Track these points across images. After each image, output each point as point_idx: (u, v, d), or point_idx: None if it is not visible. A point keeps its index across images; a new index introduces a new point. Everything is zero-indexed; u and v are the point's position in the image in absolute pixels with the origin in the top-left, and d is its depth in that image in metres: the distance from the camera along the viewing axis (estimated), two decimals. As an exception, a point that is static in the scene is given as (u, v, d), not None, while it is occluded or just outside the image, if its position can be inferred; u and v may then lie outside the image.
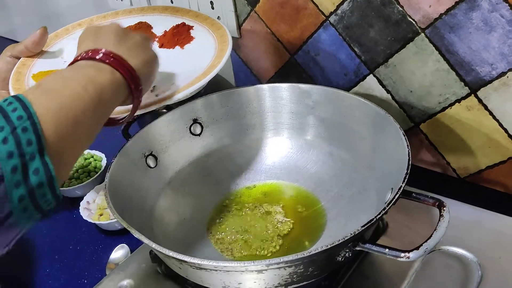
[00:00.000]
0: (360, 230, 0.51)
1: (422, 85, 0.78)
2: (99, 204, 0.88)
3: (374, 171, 0.71)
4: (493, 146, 0.76)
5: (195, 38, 0.81)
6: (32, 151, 0.42)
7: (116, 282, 0.70)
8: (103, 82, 0.52)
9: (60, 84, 0.50)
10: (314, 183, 0.79)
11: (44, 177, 0.43)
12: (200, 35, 0.81)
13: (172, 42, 0.80)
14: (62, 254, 0.84)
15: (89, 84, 0.50)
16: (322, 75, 0.91)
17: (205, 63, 0.73)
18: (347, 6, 0.79)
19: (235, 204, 0.78)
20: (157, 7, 0.88)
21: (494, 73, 0.69)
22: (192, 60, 0.76)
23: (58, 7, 1.48)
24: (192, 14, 0.85)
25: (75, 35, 0.79)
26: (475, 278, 0.62)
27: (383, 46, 0.79)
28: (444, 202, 0.54)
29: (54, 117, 0.45)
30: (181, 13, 0.86)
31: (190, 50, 0.79)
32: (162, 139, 0.79)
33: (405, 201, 0.56)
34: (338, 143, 0.79)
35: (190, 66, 0.73)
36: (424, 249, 0.49)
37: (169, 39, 0.81)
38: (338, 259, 0.55)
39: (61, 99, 0.47)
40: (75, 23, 0.84)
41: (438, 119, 0.79)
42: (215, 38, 0.79)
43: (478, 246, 0.65)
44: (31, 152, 0.42)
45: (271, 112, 0.84)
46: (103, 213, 0.87)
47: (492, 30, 0.67)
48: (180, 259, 0.53)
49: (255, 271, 0.53)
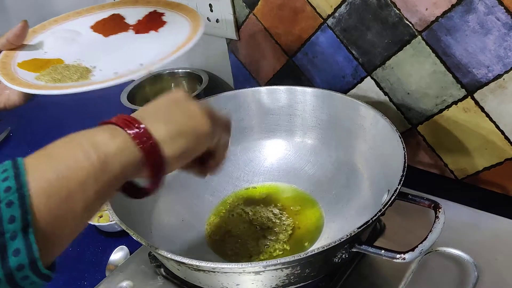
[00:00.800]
0: (356, 231, 0.51)
1: (419, 87, 0.78)
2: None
3: (371, 172, 0.71)
4: (490, 148, 0.76)
5: (168, 22, 0.81)
6: (15, 228, 0.36)
7: (115, 283, 0.70)
8: (110, 151, 0.42)
9: (63, 146, 0.43)
10: (311, 185, 0.79)
11: (26, 259, 0.37)
12: (172, 19, 0.82)
13: (147, 28, 0.81)
14: (61, 256, 0.83)
15: (92, 150, 0.42)
16: (320, 77, 0.92)
17: (181, 38, 0.74)
18: (344, 9, 0.80)
19: (233, 205, 0.79)
20: (128, 0, 0.89)
21: (491, 75, 0.70)
22: (168, 39, 0.75)
23: (57, 9, 1.48)
24: (163, 2, 0.86)
25: (52, 30, 0.81)
26: (471, 279, 0.62)
27: (380, 48, 0.79)
28: (440, 204, 0.54)
29: (47, 189, 0.39)
30: (152, 4, 0.87)
31: (165, 32, 0.79)
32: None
33: (403, 203, 0.57)
34: (336, 145, 0.79)
35: (168, 43, 0.73)
36: (419, 250, 0.50)
37: (143, 26, 0.82)
38: (335, 260, 0.55)
39: (58, 165, 0.40)
40: (52, 19, 0.86)
41: (436, 121, 0.80)
42: (188, 20, 0.79)
43: (474, 247, 0.66)
44: (13, 230, 0.36)
45: (269, 114, 0.84)
46: (102, 215, 0.87)
47: (488, 32, 0.67)
48: (179, 261, 0.53)
49: (253, 273, 0.53)
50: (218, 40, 1.05)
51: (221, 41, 1.05)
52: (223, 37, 1.04)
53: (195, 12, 0.79)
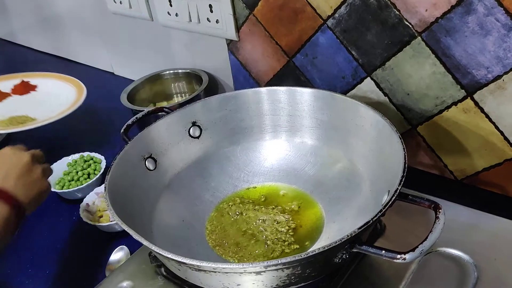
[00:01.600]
0: (356, 232, 0.51)
1: (419, 88, 0.78)
2: (98, 206, 0.89)
3: (371, 173, 0.71)
4: (489, 149, 0.76)
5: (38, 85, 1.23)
6: None
7: (115, 283, 0.70)
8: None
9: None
10: (312, 185, 0.79)
11: None
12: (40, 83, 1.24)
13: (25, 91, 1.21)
14: (62, 256, 0.84)
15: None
16: (320, 78, 0.92)
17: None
18: (344, 10, 0.80)
19: (233, 206, 0.79)
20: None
21: (490, 76, 0.70)
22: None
23: (57, 9, 1.48)
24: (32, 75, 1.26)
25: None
26: (471, 280, 0.62)
27: (380, 49, 0.79)
28: (440, 204, 0.54)
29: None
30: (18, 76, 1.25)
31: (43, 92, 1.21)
32: (161, 142, 0.79)
33: (403, 203, 0.57)
34: (336, 145, 0.79)
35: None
36: (419, 251, 0.50)
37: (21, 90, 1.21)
38: (335, 260, 0.55)
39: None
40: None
41: (435, 122, 0.80)
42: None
43: (474, 247, 0.66)
44: None
45: (269, 114, 0.84)
46: (102, 215, 0.87)
47: (488, 33, 0.67)
48: (179, 261, 0.53)
49: (254, 273, 0.53)
50: (218, 41, 1.05)
51: (221, 42, 1.05)
52: (223, 38, 1.04)
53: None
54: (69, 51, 1.60)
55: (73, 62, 1.60)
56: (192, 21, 1.05)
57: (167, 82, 1.20)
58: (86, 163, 0.99)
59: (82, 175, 0.96)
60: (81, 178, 0.96)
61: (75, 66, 1.58)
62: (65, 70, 1.56)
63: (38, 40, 1.70)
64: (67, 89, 1.15)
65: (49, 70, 1.53)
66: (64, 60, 1.62)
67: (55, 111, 1.05)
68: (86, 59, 1.55)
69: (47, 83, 1.20)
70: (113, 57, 1.43)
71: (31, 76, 1.23)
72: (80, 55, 1.56)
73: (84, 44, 1.49)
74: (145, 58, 1.29)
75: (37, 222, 0.93)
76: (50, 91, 1.17)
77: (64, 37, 1.55)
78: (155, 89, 1.19)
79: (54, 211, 0.95)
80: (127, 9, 1.20)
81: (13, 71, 1.27)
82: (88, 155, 1.00)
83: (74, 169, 0.97)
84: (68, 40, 1.55)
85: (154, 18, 1.17)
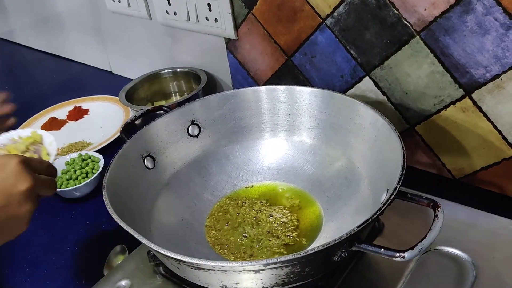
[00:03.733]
0: (355, 230, 0.51)
1: (418, 87, 0.79)
2: (8, 146, 0.75)
3: (370, 172, 0.71)
4: (488, 148, 0.76)
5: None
6: None
7: (114, 282, 0.70)
8: None
9: None
10: (310, 184, 0.79)
11: None
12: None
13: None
14: (59, 255, 0.84)
15: None
16: (318, 77, 0.92)
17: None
18: (343, 9, 0.80)
19: (232, 205, 0.79)
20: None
21: (488, 75, 0.70)
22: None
23: (55, 8, 1.48)
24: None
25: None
26: (469, 278, 0.62)
27: (379, 48, 0.80)
28: (439, 203, 0.54)
29: None
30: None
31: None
32: (160, 141, 0.79)
33: (401, 202, 0.57)
34: (334, 144, 0.79)
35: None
36: (418, 249, 0.50)
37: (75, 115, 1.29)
38: (334, 259, 0.55)
39: None
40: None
41: (434, 121, 0.80)
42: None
43: (472, 246, 0.66)
44: None
45: (268, 113, 0.84)
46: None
47: (486, 33, 0.67)
48: (179, 259, 0.53)
49: (253, 271, 0.53)
50: (216, 40, 1.05)
51: (220, 41, 1.05)
52: (221, 37, 1.04)
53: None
54: (67, 50, 1.60)
55: (71, 61, 1.59)
56: (191, 20, 1.05)
57: (165, 81, 1.20)
58: (84, 162, 0.98)
59: (80, 174, 0.96)
60: (79, 177, 0.96)
61: (73, 65, 1.57)
62: (63, 69, 1.56)
63: (36, 39, 1.70)
64: (115, 110, 1.25)
65: (48, 69, 1.53)
66: (62, 59, 1.62)
67: (108, 133, 1.16)
68: (84, 58, 1.55)
69: (98, 106, 1.30)
70: (111, 56, 1.42)
71: (82, 101, 1.34)
72: (78, 54, 1.56)
73: (82, 43, 1.49)
74: (143, 57, 1.29)
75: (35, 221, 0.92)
76: (101, 114, 1.27)
77: (62, 36, 1.55)
78: (153, 88, 1.19)
79: (51, 210, 0.95)
80: (125, 7, 1.20)
81: (11, 70, 1.27)
82: (86, 154, 1.00)
83: (72, 168, 0.97)
84: (66, 39, 1.54)
85: (152, 16, 1.17)
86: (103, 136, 1.15)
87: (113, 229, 0.87)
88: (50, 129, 1.23)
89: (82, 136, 1.18)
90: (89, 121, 1.26)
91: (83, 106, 1.31)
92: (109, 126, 1.18)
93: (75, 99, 1.34)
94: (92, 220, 0.91)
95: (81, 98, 1.34)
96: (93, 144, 1.12)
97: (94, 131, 1.19)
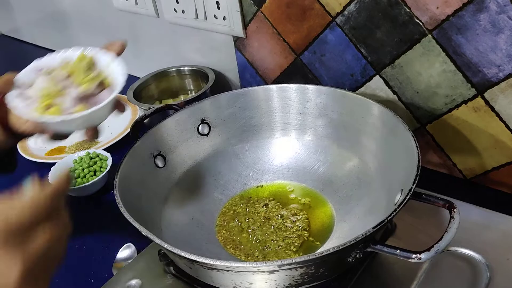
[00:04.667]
0: (371, 231, 0.51)
1: (429, 86, 0.78)
2: (43, 89, 0.60)
3: (382, 172, 0.71)
4: (499, 148, 0.76)
5: None
6: None
7: (124, 281, 0.70)
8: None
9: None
10: (322, 184, 0.79)
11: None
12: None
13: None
14: (68, 254, 0.83)
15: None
16: (328, 75, 0.91)
17: None
18: (354, 7, 0.80)
19: (243, 204, 0.78)
20: None
21: (501, 74, 0.70)
22: None
23: (61, 6, 1.48)
24: None
25: None
26: (483, 280, 0.62)
27: (389, 47, 0.79)
28: (454, 204, 0.54)
29: None
30: None
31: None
32: (170, 139, 0.79)
33: (412, 202, 0.56)
34: (346, 144, 0.79)
35: None
36: (435, 250, 0.49)
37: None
38: (349, 260, 0.55)
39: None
40: None
41: (445, 120, 0.79)
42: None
43: (486, 247, 0.65)
44: None
45: (279, 112, 0.84)
46: (51, 103, 0.59)
47: (500, 31, 0.67)
48: (192, 259, 0.53)
49: (267, 272, 0.53)
50: (224, 38, 1.05)
51: (228, 39, 1.04)
52: (230, 35, 1.03)
53: None
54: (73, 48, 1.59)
55: (77, 59, 1.59)
56: (199, 18, 1.05)
57: (173, 79, 1.20)
58: (92, 160, 0.98)
59: (88, 173, 0.96)
60: (87, 175, 0.95)
61: (79, 63, 1.57)
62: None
63: (42, 36, 1.69)
64: None
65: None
66: (68, 57, 1.62)
67: (115, 131, 1.14)
68: (91, 56, 1.54)
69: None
70: (118, 54, 1.42)
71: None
72: (85, 51, 1.55)
73: (89, 41, 1.48)
74: (151, 55, 1.29)
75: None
76: None
77: (68, 33, 1.54)
78: (161, 87, 1.19)
79: (60, 208, 0.94)
80: (133, 5, 1.19)
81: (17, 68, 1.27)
82: (94, 152, 1.00)
83: (80, 166, 0.97)
84: (72, 36, 1.54)
85: (160, 14, 1.16)
86: (111, 135, 1.14)
87: (121, 228, 0.86)
88: None
89: None
90: None
91: None
92: (116, 124, 1.18)
93: None
94: (100, 218, 0.90)
95: None
96: (101, 142, 1.12)
97: (101, 130, 1.18)
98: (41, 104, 0.58)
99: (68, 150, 1.12)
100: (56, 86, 0.60)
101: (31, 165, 1.08)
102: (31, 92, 0.60)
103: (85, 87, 0.60)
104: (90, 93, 0.60)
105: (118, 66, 0.62)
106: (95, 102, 0.60)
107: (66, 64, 0.62)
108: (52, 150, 1.13)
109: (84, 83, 0.60)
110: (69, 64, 0.62)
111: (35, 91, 0.60)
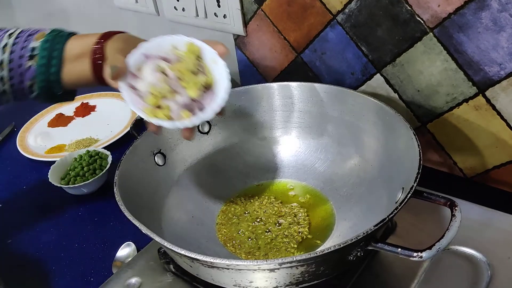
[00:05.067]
0: (373, 229, 0.51)
1: (430, 84, 0.78)
2: (153, 87, 0.60)
3: (383, 170, 0.71)
4: (501, 146, 0.76)
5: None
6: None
7: (124, 279, 0.70)
8: None
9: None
10: (322, 182, 0.79)
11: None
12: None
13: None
14: (67, 252, 0.84)
15: None
16: (328, 74, 0.91)
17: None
18: (354, 5, 0.79)
19: (243, 202, 0.78)
20: None
21: (503, 73, 0.69)
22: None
23: (62, 4, 1.47)
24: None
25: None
26: (484, 278, 0.62)
27: (390, 45, 0.79)
28: (456, 202, 0.54)
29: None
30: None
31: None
32: (170, 137, 0.79)
33: (413, 201, 0.56)
34: (347, 142, 0.79)
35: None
36: (436, 249, 0.49)
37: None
38: (349, 258, 0.55)
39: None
40: None
41: (446, 119, 0.79)
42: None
43: (487, 246, 0.65)
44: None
45: (280, 110, 0.84)
46: (159, 103, 0.59)
47: (501, 30, 0.67)
48: (193, 257, 0.53)
49: (268, 270, 0.53)
50: (225, 36, 1.05)
51: (228, 37, 1.04)
52: (230, 33, 1.03)
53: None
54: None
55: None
56: (199, 16, 1.04)
57: (172, 77, 1.19)
58: (92, 159, 0.98)
59: (88, 171, 0.95)
60: (87, 173, 0.95)
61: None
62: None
63: (41, 34, 1.69)
64: (122, 106, 1.24)
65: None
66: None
67: (115, 130, 1.15)
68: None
69: (105, 103, 1.30)
70: (118, 52, 1.42)
71: (89, 97, 1.33)
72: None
73: (89, 38, 1.48)
74: (150, 53, 1.28)
75: (42, 218, 0.92)
76: (108, 110, 1.27)
77: (68, 32, 1.54)
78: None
79: (59, 206, 0.94)
80: (133, 3, 1.19)
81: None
82: (94, 150, 1.00)
83: (80, 165, 0.96)
84: (72, 34, 1.54)
85: (160, 13, 1.16)
86: (111, 133, 1.14)
87: (121, 226, 0.86)
88: (57, 125, 1.23)
89: (89, 133, 1.17)
90: (96, 117, 1.26)
91: (90, 102, 1.31)
92: (116, 122, 1.18)
93: (82, 95, 1.33)
94: (100, 217, 0.90)
95: (88, 94, 1.34)
96: (101, 141, 1.12)
97: (101, 128, 1.19)
98: (150, 102, 0.60)
99: (68, 148, 1.12)
100: (165, 85, 0.61)
101: (31, 163, 1.08)
102: (140, 85, 0.61)
103: (193, 95, 0.60)
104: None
105: (223, 67, 0.62)
106: (199, 105, 0.61)
107: (175, 51, 0.64)
108: (52, 148, 1.13)
109: (192, 88, 0.60)
110: (178, 52, 0.63)
111: (144, 86, 0.61)
